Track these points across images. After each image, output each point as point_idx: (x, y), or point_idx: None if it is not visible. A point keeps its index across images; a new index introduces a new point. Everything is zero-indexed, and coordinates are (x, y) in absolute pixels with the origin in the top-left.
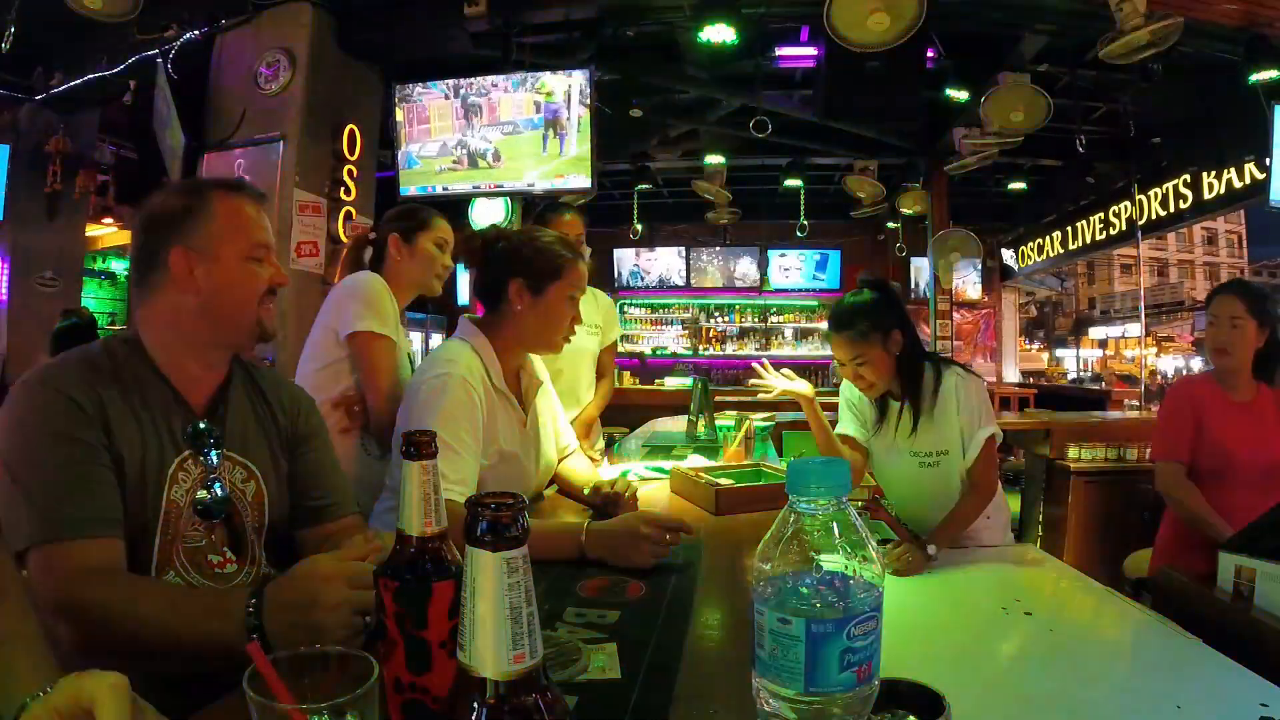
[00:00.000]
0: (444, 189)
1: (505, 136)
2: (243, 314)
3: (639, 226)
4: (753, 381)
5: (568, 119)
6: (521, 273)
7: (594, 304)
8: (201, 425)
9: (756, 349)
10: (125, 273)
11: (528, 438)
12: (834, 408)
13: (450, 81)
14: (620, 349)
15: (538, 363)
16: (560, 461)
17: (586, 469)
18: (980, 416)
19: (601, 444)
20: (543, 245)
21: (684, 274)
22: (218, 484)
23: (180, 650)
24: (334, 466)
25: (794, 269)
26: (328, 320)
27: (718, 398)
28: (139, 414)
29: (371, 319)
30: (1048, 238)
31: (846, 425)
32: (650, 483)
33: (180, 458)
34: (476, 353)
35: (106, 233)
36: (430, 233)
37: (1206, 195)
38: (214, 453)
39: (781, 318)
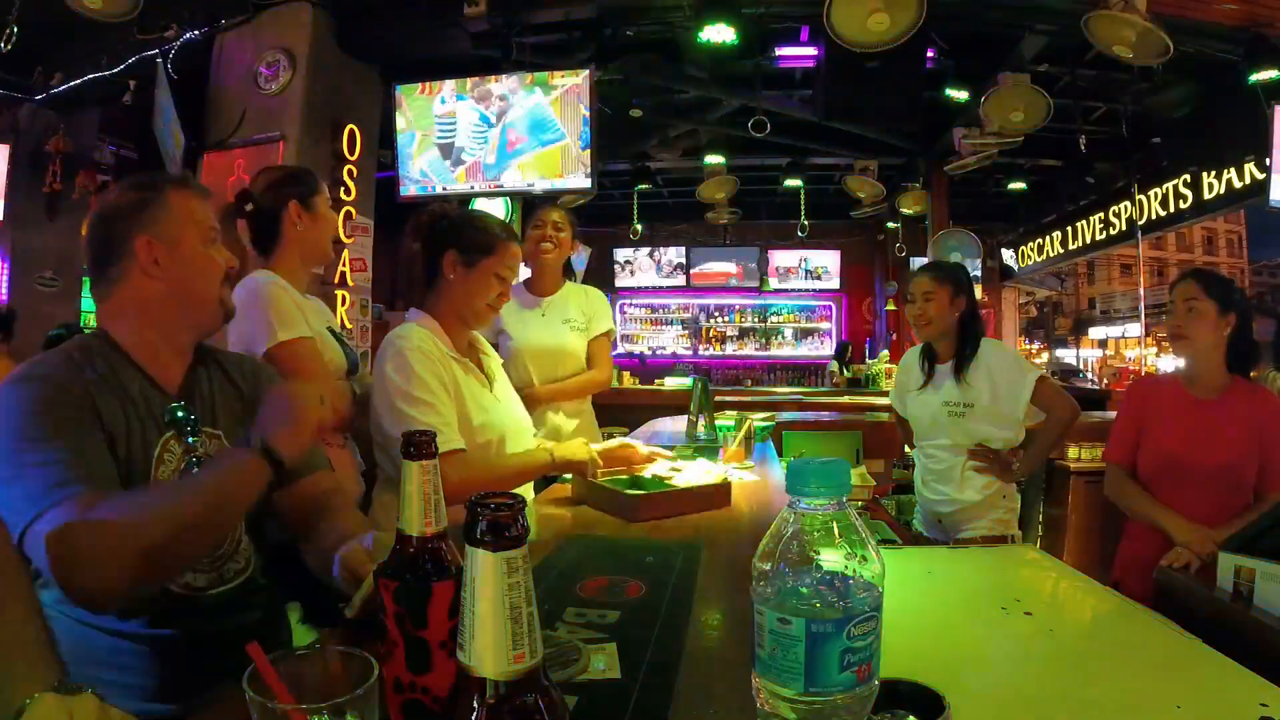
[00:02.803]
0: (443, 189)
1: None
2: (207, 295)
3: (639, 226)
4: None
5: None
6: (456, 244)
7: (583, 299)
8: (179, 406)
9: (756, 349)
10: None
11: (497, 406)
12: (831, 408)
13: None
14: (620, 349)
15: (489, 347)
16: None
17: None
18: (1021, 367)
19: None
20: (480, 222)
21: (684, 273)
22: (199, 460)
23: (215, 516)
24: None
25: (794, 269)
26: (236, 338)
27: (718, 398)
28: (121, 400)
29: (282, 327)
30: (1048, 238)
31: (894, 400)
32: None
33: (163, 439)
34: (424, 327)
35: None
36: (324, 194)
37: (1206, 195)
38: (191, 431)
39: (781, 318)
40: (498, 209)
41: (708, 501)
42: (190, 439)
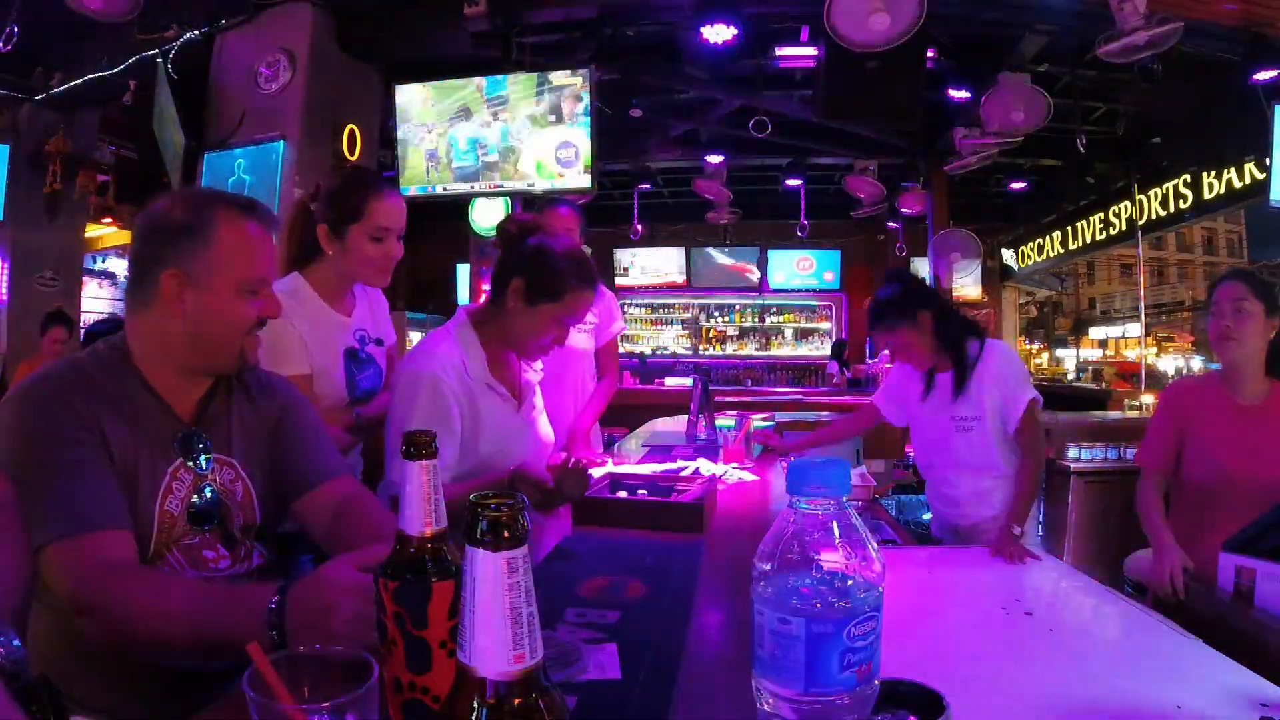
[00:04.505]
0: (443, 189)
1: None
2: (226, 346)
3: (639, 227)
4: None
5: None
6: (525, 276)
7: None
8: (190, 432)
9: (756, 349)
10: (126, 272)
11: (520, 429)
12: (830, 408)
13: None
14: (621, 349)
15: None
16: None
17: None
18: (1020, 381)
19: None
20: (557, 263)
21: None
22: (208, 488)
23: (202, 645)
24: (315, 434)
25: (794, 269)
26: None
27: (718, 398)
28: (130, 424)
29: (272, 361)
30: (1048, 238)
31: (879, 398)
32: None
33: (173, 467)
34: (458, 342)
35: (106, 233)
36: (363, 223)
37: (1206, 195)
38: (204, 458)
39: (781, 318)
40: (498, 209)
41: (672, 520)
42: (201, 467)
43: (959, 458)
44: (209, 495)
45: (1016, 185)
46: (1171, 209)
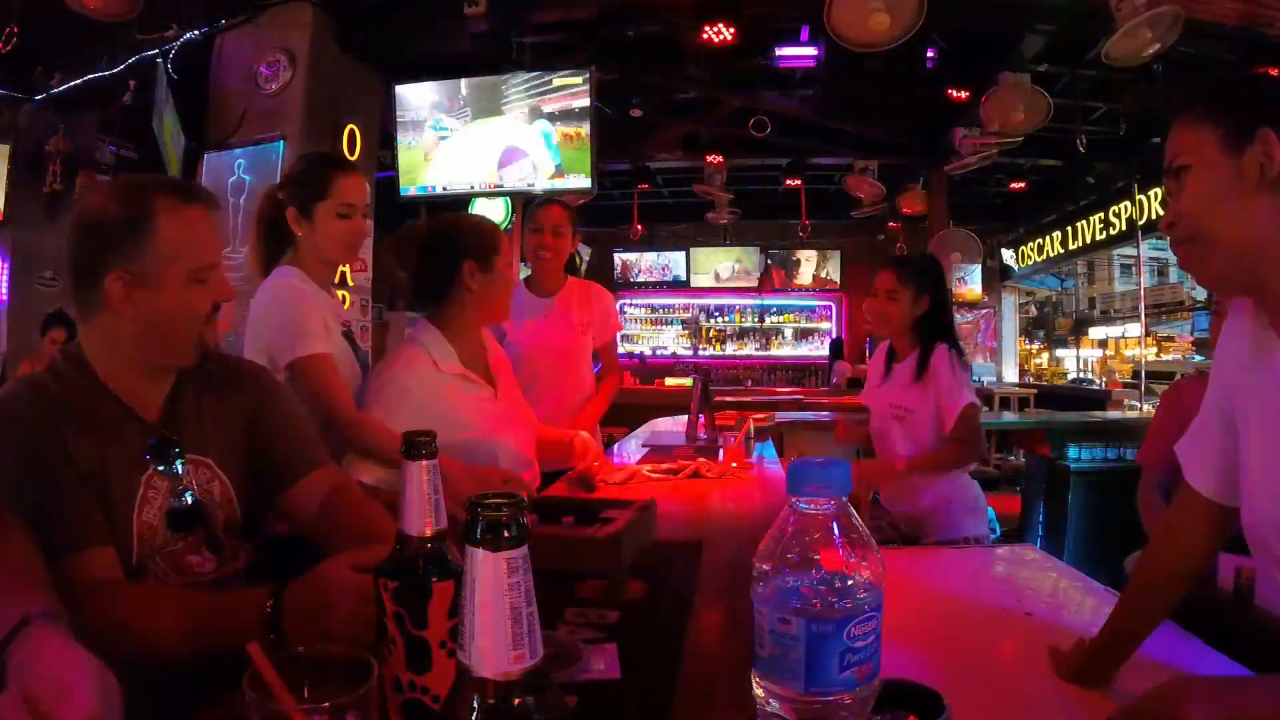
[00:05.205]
0: (444, 189)
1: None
2: (184, 340)
3: (639, 226)
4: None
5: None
6: (471, 254)
7: (588, 298)
8: (161, 438)
9: (756, 349)
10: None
11: (501, 411)
12: (831, 408)
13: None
14: (620, 349)
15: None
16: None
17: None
18: (958, 386)
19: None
20: (481, 226)
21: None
22: (187, 493)
23: (199, 655)
24: (296, 422)
25: (794, 269)
26: (259, 342)
27: (718, 398)
28: (96, 436)
29: (307, 339)
30: (1048, 238)
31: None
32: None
33: (145, 475)
34: (423, 347)
35: None
36: (329, 201)
37: None
38: (177, 462)
39: (781, 318)
40: (497, 209)
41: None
42: (175, 472)
43: (894, 443)
44: (188, 500)
45: (1016, 185)
46: None
